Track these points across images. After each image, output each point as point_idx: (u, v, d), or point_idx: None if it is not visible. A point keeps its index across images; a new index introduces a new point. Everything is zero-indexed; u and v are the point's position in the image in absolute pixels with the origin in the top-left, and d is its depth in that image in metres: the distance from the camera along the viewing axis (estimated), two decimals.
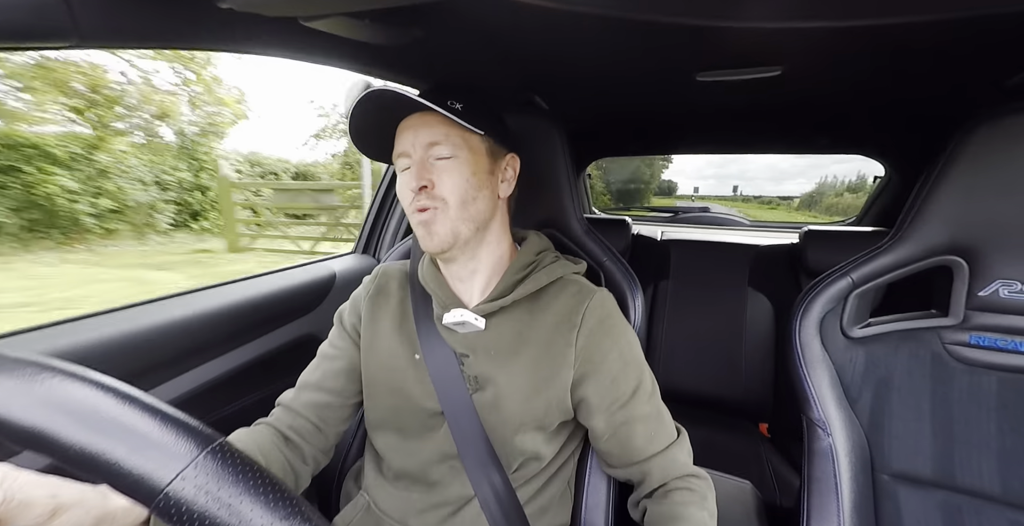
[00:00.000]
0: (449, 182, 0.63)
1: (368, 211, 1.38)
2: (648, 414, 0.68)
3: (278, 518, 0.25)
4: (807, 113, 1.31)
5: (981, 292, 0.72)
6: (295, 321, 1.09)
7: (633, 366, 0.69)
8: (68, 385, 0.27)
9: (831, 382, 0.79)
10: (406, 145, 0.64)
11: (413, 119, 0.64)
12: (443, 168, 0.63)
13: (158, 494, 0.24)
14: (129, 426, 0.26)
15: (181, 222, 8.37)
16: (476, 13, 0.69)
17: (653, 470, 0.68)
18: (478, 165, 0.65)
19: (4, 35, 0.45)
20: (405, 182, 0.65)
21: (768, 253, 1.73)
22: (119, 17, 0.52)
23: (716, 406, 1.65)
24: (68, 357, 0.65)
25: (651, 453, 0.68)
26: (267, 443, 0.65)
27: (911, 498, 0.75)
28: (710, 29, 0.71)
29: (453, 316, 0.66)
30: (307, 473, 0.69)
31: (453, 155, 0.63)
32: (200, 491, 0.24)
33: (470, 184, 0.64)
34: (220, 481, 0.25)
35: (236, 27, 0.63)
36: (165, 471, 0.24)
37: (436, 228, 0.63)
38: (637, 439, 0.67)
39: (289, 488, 0.27)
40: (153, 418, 0.27)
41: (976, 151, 0.69)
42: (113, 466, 0.25)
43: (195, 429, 0.27)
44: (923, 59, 0.83)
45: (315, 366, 0.75)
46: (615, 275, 0.88)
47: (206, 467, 0.25)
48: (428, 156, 0.63)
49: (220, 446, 0.27)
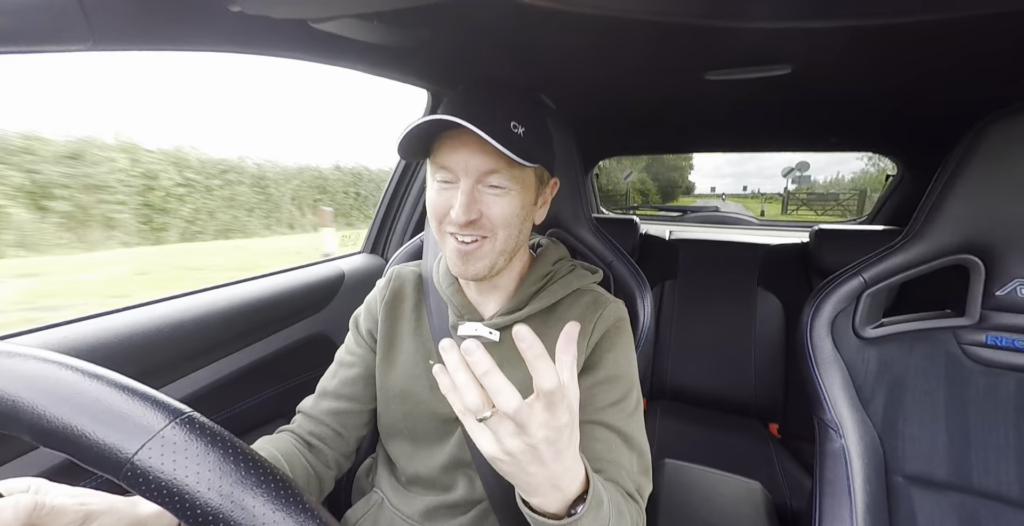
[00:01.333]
0: (500, 216, 0.59)
1: (376, 210, 1.38)
2: (619, 429, 0.62)
3: (250, 485, 0.25)
4: (817, 111, 1.29)
5: (998, 292, 0.71)
6: (305, 320, 1.10)
7: (624, 380, 0.65)
8: (34, 365, 0.28)
9: (843, 383, 0.78)
10: (456, 164, 0.57)
11: (469, 135, 0.55)
12: (494, 201, 0.59)
13: (124, 464, 0.24)
14: (95, 399, 0.26)
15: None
16: (484, 14, 0.69)
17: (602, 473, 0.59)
18: (527, 198, 0.62)
19: (20, 39, 0.46)
20: (444, 199, 0.60)
21: (778, 252, 1.71)
22: (132, 21, 0.53)
23: (725, 406, 1.64)
24: (80, 355, 0.66)
25: (606, 460, 0.60)
26: (288, 450, 0.65)
27: (926, 501, 0.74)
28: (719, 29, 0.71)
29: (467, 329, 0.66)
30: (331, 477, 0.70)
31: (508, 188, 0.59)
32: (167, 460, 0.25)
33: (518, 218, 0.61)
34: (188, 450, 0.25)
35: (246, 29, 0.64)
36: (131, 442, 0.25)
37: (476, 261, 0.61)
38: (597, 445, 0.60)
39: (260, 455, 0.27)
40: (119, 392, 0.27)
41: (991, 148, 0.68)
42: (80, 439, 0.25)
43: (161, 402, 0.27)
44: (935, 57, 0.82)
45: (332, 373, 0.75)
46: (623, 275, 0.88)
47: (174, 437, 0.25)
48: (480, 183, 0.58)
49: (188, 418, 0.27)
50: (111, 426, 0.25)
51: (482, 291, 0.70)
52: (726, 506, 0.94)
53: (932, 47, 0.77)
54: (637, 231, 1.75)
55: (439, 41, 0.78)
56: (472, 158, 0.57)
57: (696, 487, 0.99)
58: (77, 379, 0.27)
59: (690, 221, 2.71)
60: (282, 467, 0.60)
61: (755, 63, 0.87)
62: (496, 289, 0.69)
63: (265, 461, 0.27)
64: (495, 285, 0.69)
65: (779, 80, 0.94)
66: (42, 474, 0.63)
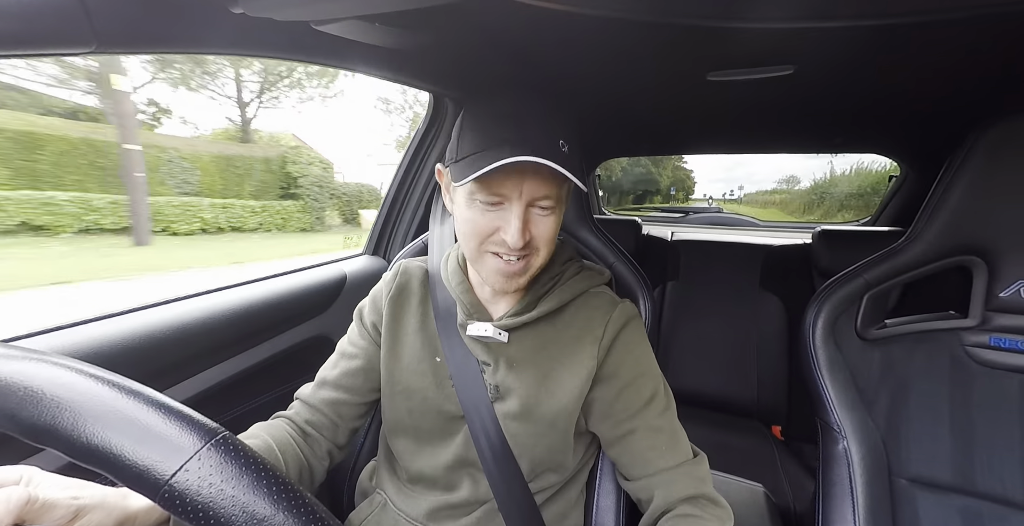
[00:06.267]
0: (546, 235, 0.60)
1: (379, 212, 1.38)
2: (659, 427, 0.65)
3: (281, 509, 0.25)
4: (820, 112, 1.29)
5: (1002, 293, 0.71)
6: (307, 322, 1.10)
7: (649, 377, 0.67)
8: (72, 379, 0.28)
9: (846, 385, 0.78)
10: (511, 190, 0.56)
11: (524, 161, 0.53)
12: (542, 221, 0.59)
13: (162, 485, 0.25)
14: (133, 419, 0.27)
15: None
16: (486, 16, 0.69)
17: (660, 485, 0.63)
18: (563, 212, 0.63)
19: (24, 42, 0.47)
20: (491, 221, 0.59)
21: (780, 253, 1.71)
22: (135, 23, 0.53)
23: (728, 408, 1.64)
24: (83, 357, 0.66)
25: (660, 468, 0.63)
26: (283, 438, 0.65)
27: (930, 503, 0.73)
28: (721, 30, 0.71)
29: (477, 329, 0.66)
30: (322, 468, 0.69)
31: (554, 208, 0.59)
32: (204, 482, 0.25)
33: (557, 233, 0.62)
34: (223, 473, 0.25)
35: (249, 31, 0.64)
36: (169, 463, 0.25)
37: (519, 278, 0.62)
38: (645, 450, 0.64)
39: (292, 480, 0.28)
40: (157, 411, 0.27)
41: (994, 149, 0.68)
42: (118, 459, 0.25)
43: (198, 422, 0.28)
44: (938, 57, 0.81)
45: (333, 363, 0.75)
46: (625, 276, 0.87)
47: (210, 459, 0.26)
48: (531, 207, 0.58)
49: (224, 438, 0.27)
50: (151, 446, 0.26)
51: (492, 291, 0.70)
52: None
53: (934, 47, 0.77)
54: (639, 232, 1.74)
55: (441, 43, 0.78)
56: (526, 183, 0.56)
57: None
58: (116, 396, 0.27)
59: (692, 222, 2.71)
60: (275, 456, 0.60)
61: (757, 64, 0.87)
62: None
63: (295, 485, 0.27)
64: None
65: (781, 81, 0.94)
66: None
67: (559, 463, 0.68)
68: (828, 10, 0.53)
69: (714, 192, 30.65)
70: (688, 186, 21.28)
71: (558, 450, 0.67)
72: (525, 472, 0.66)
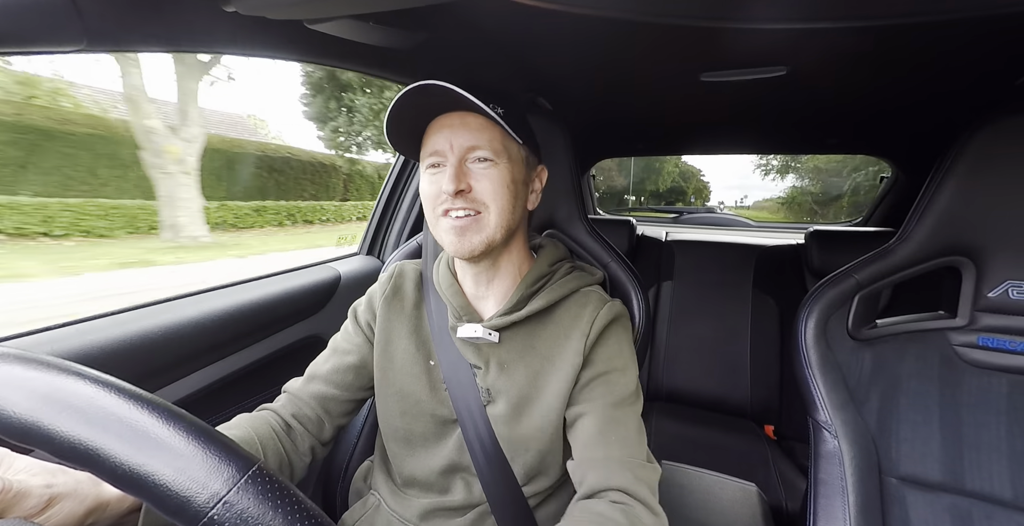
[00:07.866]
0: (491, 188, 0.60)
1: (372, 211, 1.38)
2: (617, 419, 0.62)
3: None
4: (813, 113, 1.30)
5: (990, 293, 0.72)
6: (300, 323, 1.09)
7: (623, 374, 0.66)
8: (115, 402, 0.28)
9: (837, 384, 0.78)
10: (441, 144, 0.60)
11: (451, 118, 0.61)
12: (484, 174, 0.60)
13: (202, 518, 0.25)
14: (178, 450, 0.26)
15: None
16: (480, 15, 0.69)
17: (597, 469, 0.58)
18: (516, 174, 0.63)
19: (14, 40, 0.46)
20: (435, 182, 0.62)
21: (773, 254, 1.72)
22: (127, 20, 0.53)
23: (720, 408, 1.65)
24: (75, 358, 0.66)
25: (605, 455, 0.59)
26: (265, 433, 0.64)
27: (919, 502, 0.74)
28: (714, 30, 0.71)
29: (467, 331, 0.66)
30: (303, 465, 0.68)
31: (495, 161, 0.61)
32: (241, 517, 0.25)
33: (510, 192, 0.62)
34: (261, 506, 0.25)
35: (242, 30, 0.64)
36: (209, 496, 0.25)
37: (472, 235, 0.61)
38: (595, 434, 0.61)
39: (323, 513, 0.28)
40: (198, 440, 0.27)
41: (982, 150, 0.69)
42: (160, 489, 0.25)
43: (236, 452, 0.28)
44: (928, 59, 0.82)
45: (325, 358, 0.75)
46: (619, 276, 0.88)
47: (247, 492, 0.26)
48: (466, 159, 0.61)
49: (259, 470, 0.27)
50: (193, 478, 0.25)
51: (480, 292, 0.70)
52: (722, 509, 0.94)
53: (924, 49, 0.78)
54: (633, 232, 1.75)
55: (436, 43, 0.78)
56: (455, 135, 0.60)
57: (692, 489, 0.99)
58: (157, 424, 0.27)
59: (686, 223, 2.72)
60: (256, 450, 0.60)
61: (750, 65, 0.87)
62: (495, 286, 0.69)
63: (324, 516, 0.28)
64: (491, 280, 0.69)
65: (774, 82, 0.94)
66: None
67: (551, 466, 0.68)
68: (820, 12, 0.54)
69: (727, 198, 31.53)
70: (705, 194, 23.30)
71: (550, 452, 0.66)
72: (518, 476, 0.66)
